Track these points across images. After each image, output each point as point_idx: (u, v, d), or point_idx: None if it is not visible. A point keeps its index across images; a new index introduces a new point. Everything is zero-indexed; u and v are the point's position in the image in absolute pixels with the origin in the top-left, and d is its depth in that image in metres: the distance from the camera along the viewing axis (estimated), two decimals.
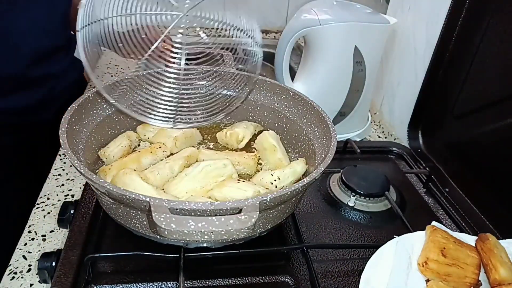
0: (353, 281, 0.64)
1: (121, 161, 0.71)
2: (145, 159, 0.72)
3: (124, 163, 0.70)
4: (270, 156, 0.76)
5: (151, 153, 0.73)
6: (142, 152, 0.74)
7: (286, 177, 0.70)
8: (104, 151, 0.73)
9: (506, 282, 0.56)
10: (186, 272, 0.59)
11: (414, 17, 1.00)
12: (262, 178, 0.70)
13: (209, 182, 0.67)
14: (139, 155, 0.73)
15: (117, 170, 0.68)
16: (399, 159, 0.97)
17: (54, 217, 0.74)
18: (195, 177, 0.67)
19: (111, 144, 0.74)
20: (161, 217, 0.47)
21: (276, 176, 0.70)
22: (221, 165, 0.69)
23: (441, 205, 0.83)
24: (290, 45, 0.91)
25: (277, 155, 0.75)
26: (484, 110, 0.81)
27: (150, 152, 0.73)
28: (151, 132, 0.79)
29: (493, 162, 0.79)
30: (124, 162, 0.70)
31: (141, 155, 0.73)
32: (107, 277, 0.61)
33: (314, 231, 0.72)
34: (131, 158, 0.72)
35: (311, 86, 0.95)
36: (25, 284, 0.62)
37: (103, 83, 0.69)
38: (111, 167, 0.69)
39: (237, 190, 0.64)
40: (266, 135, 0.77)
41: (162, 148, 0.75)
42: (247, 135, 0.81)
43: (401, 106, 1.05)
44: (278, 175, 0.70)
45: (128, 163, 0.70)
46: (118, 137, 0.76)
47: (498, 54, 0.78)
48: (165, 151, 0.76)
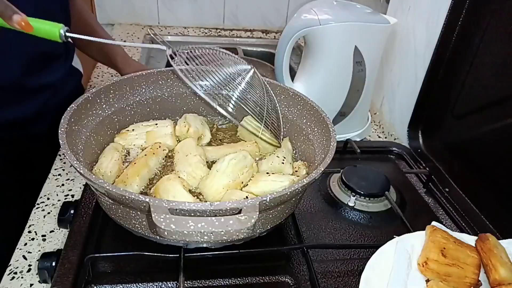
0: (353, 281, 0.64)
1: (133, 168, 0.69)
2: (151, 161, 0.72)
3: (137, 170, 0.69)
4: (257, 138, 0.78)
5: (154, 155, 0.73)
6: (148, 154, 0.73)
7: (287, 155, 0.73)
8: (98, 168, 0.69)
9: (506, 282, 0.56)
10: (186, 272, 0.59)
11: (414, 17, 1.00)
12: (272, 162, 0.72)
13: (237, 175, 0.68)
14: (146, 158, 0.72)
15: (132, 177, 0.67)
16: (399, 159, 0.97)
17: (54, 217, 0.74)
18: (225, 172, 0.67)
19: (102, 160, 0.71)
20: (160, 218, 0.47)
21: (282, 156, 0.73)
22: (242, 157, 0.70)
23: (441, 205, 0.83)
24: (290, 45, 0.91)
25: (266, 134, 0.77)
26: (484, 110, 0.81)
27: (153, 154, 0.73)
28: (138, 139, 0.77)
29: (493, 162, 0.79)
30: (136, 168, 0.69)
31: (147, 158, 0.72)
32: (107, 277, 0.61)
33: (314, 231, 0.72)
34: (141, 163, 0.70)
35: (311, 86, 0.95)
36: (25, 284, 0.62)
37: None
38: (128, 177, 0.68)
39: (273, 183, 0.66)
40: (246, 120, 0.79)
41: (161, 147, 0.76)
42: (207, 132, 0.82)
43: (401, 106, 1.05)
44: (279, 154, 0.73)
45: (140, 169, 0.69)
46: (105, 151, 0.73)
47: (498, 54, 0.78)
48: (164, 149, 0.76)
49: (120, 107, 0.77)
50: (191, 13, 1.64)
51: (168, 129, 0.79)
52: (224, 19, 1.67)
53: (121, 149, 0.76)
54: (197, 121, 0.82)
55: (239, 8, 1.65)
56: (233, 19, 1.67)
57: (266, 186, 0.66)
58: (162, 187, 0.65)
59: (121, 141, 0.77)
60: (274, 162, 0.72)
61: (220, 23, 1.68)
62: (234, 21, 1.68)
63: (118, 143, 0.77)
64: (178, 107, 0.86)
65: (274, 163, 0.72)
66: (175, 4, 1.61)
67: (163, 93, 0.83)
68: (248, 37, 1.63)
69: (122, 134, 0.78)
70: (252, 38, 1.62)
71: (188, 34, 1.61)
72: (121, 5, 1.59)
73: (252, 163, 0.71)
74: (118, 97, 0.77)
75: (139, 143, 0.78)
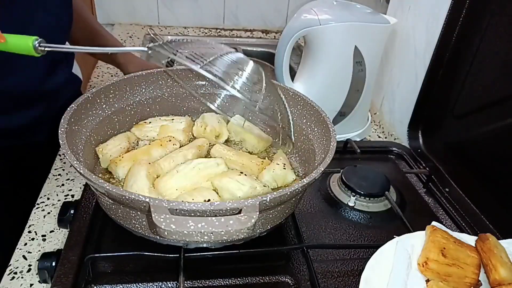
0: (353, 281, 0.64)
1: (132, 152, 0.73)
2: (155, 151, 0.73)
3: (135, 155, 0.72)
4: (245, 135, 0.78)
5: (161, 146, 0.74)
6: (152, 144, 0.75)
7: (286, 162, 0.73)
8: (102, 148, 0.72)
9: (506, 282, 0.56)
10: (186, 272, 0.59)
11: (414, 17, 1.00)
12: (273, 170, 0.71)
13: (200, 181, 0.68)
14: (150, 147, 0.74)
15: (128, 161, 0.70)
16: (399, 159, 0.97)
17: (54, 217, 0.74)
18: (186, 174, 0.68)
19: (110, 142, 0.74)
20: (160, 218, 0.47)
21: (281, 163, 0.72)
22: (214, 163, 0.70)
23: (441, 205, 0.83)
24: (290, 45, 0.91)
25: (254, 131, 0.77)
26: (484, 110, 0.81)
27: (160, 145, 0.74)
28: (152, 131, 0.80)
29: (493, 162, 0.79)
30: (134, 153, 0.72)
31: (151, 147, 0.74)
32: (107, 277, 0.61)
33: (314, 231, 0.72)
34: (142, 150, 0.73)
35: (311, 86, 0.95)
36: (25, 284, 0.62)
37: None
38: (122, 159, 0.71)
39: (235, 183, 0.66)
40: (231, 120, 0.81)
41: (172, 141, 0.76)
42: (224, 130, 0.82)
43: (401, 106, 1.05)
44: (278, 162, 0.73)
45: (139, 155, 0.72)
46: (118, 136, 0.76)
47: (498, 54, 0.78)
48: (174, 144, 0.76)
49: (120, 107, 0.77)
50: (191, 13, 1.64)
51: (182, 125, 0.80)
52: (224, 19, 1.67)
53: (134, 139, 0.78)
54: (214, 120, 0.83)
55: (239, 8, 1.65)
56: (233, 19, 1.67)
57: (228, 183, 0.66)
58: (131, 170, 0.66)
59: (136, 132, 0.80)
60: (276, 169, 0.71)
61: (220, 23, 1.68)
62: (234, 21, 1.68)
63: (133, 133, 0.79)
64: (178, 107, 0.86)
65: (276, 170, 0.71)
66: (175, 4, 1.61)
67: (163, 93, 0.83)
68: (248, 37, 1.63)
69: (139, 125, 0.80)
70: (252, 38, 1.62)
71: (188, 34, 1.61)
72: (121, 5, 1.59)
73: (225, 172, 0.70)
74: (118, 97, 0.77)
75: (152, 135, 0.79)
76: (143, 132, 0.80)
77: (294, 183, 0.71)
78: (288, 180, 0.72)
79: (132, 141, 0.78)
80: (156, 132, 0.80)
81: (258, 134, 0.79)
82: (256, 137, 0.79)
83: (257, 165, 0.74)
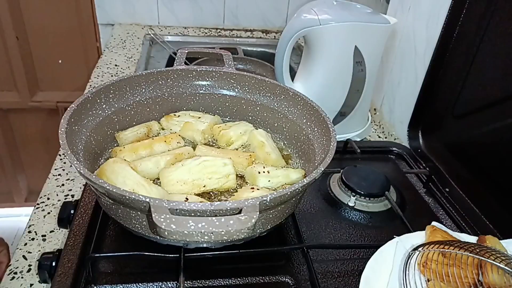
0: (353, 281, 0.64)
1: (133, 144, 0.73)
2: (158, 146, 0.74)
3: (136, 147, 0.72)
4: (259, 151, 0.77)
5: (165, 142, 0.75)
6: (156, 139, 0.75)
7: (277, 176, 0.70)
8: (120, 133, 0.75)
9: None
10: (186, 272, 0.59)
11: (414, 17, 1.00)
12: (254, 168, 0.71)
13: (202, 177, 0.68)
14: (152, 141, 0.74)
15: (128, 152, 0.71)
16: (399, 159, 0.97)
17: (54, 217, 0.74)
18: (191, 169, 0.68)
19: (130, 129, 0.77)
20: (161, 218, 0.47)
21: (267, 170, 0.71)
22: (221, 163, 0.69)
23: (441, 205, 0.83)
24: (290, 45, 0.91)
25: (265, 149, 0.76)
26: (484, 110, 0.81)
27: (164, 141, 0.75)
28: (176, 125, 0.81)
29: (493, 162, 0.79)
30: (136, 146, 0.73)
31: (154, 141, 0.74)
32: (107, 277, 0.61)
33: (314, 231, 0.72)
34: (143, 144, 0.74)
35: (311, 86, 0.95)
36: (25, 284, 0.62)
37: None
38: (123, 149, 0.72)
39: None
40: (255, 133, 0.79)
41: (176, 139, 0.77)
42: (239, 140, 0.80)
43: (401, 106, 1.05)
44: (269, 169, 0.71)
45: (140, 148, 0.72)
46: (140, 125, 0.79)
47: (498, 54, 0.78)
48: (179, 142, 0.77)
49: (120, 107, 0.77)
50: (191, 13, 1.64)
51: (203, 126, 0.80)
52: (224, 19, 1.67)
53: (157, 128, 0.80)
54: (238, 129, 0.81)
55: (239, 8, 1.65)
56: (233, 19, 1.67)
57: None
58: (109, 169, 0.64)
59: (164, 123, 0.81)
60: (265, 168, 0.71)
61: (220, 23, 1.68)
62: (234, 21, 1.68)
63: (161, 123, 0.81)
64: (178, 107, 0.85)
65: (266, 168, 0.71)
66: (175, 4, 1.61)
67: (163, 93, 0.83)
68: (248, 37, 1.63)
69: (168, 117, 0.82)
70: (252, 38, 1.62)
71: (188, 34, 1.61)
72: (121, 5, 1.59)
73: (230, 173, 0.69)
74: (118, 97, 0.77)
75: (175, 130, 0.81)
76: (169, 124, 0.81)
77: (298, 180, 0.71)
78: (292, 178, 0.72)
79: (155, 130, 0.80)
80: (180, 127, 0.81)
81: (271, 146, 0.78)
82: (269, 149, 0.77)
83: (246, 159, 0.74)
